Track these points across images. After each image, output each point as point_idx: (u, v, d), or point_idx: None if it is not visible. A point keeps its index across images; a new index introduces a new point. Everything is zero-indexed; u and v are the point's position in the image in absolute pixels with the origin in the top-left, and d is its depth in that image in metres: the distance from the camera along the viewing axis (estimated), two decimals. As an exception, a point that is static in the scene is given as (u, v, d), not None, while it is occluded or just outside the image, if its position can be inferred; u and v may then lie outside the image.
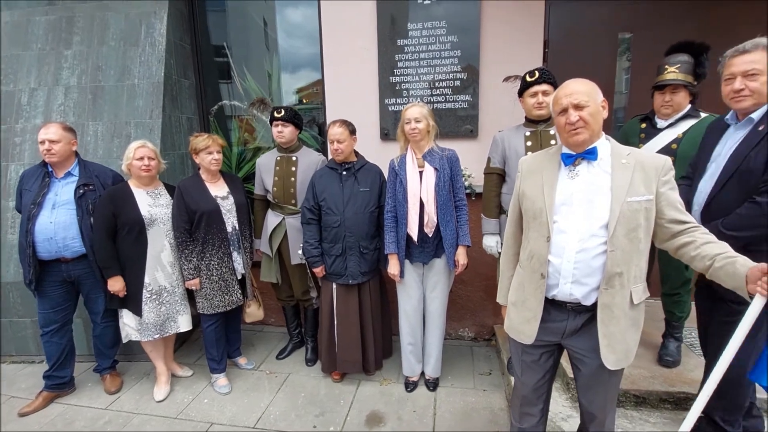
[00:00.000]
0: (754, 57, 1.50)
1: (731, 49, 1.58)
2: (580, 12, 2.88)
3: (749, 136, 1.54)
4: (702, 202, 1.64)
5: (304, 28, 3.26)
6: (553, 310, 1.45)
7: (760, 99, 1.51)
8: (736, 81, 1.53)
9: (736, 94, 1.54)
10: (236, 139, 3.52)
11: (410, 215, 2.23)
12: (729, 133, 1.65)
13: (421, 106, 2.22)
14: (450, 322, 3.08)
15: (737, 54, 1.55)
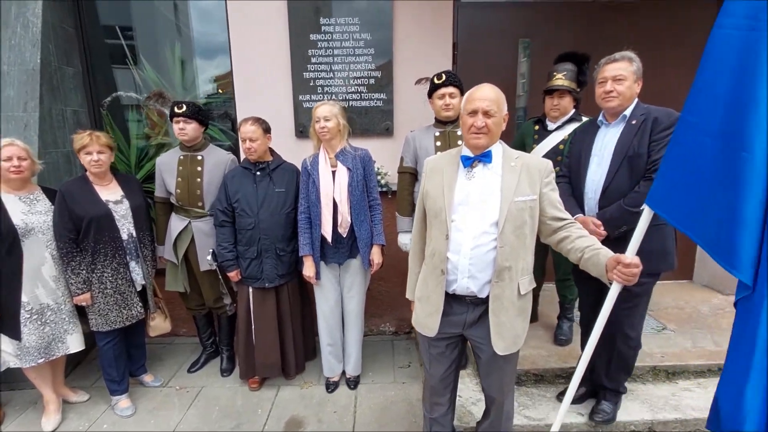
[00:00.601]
0: (621, 65, 1.79)
1: (604, 58, 1.86)
2: (485, 16, 3.05)
3: (626, 129, 1.81)
4: (597, 189, 1.86)
5: (216, 13, 3.01)
6: (455, 303, 1.54)
7: (624, 100, 1.80)
8: (607, 84, 1.81)
9: (606, 95, 1.82)
10: (135, 134, 3.20)
11: (324, 216, 2.21)
12: (603, 131, 1.91)
13: (332, 104, 2.19)
14: (371, 319, 3.13)
15: (609, 62, 1.83)
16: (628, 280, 1.28)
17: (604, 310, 1.42)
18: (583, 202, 1.94)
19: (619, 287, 1.34)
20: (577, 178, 1.96)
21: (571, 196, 1.99)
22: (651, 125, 1.74)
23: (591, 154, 1.92)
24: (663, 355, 2.41)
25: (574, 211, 1.93)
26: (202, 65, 3.19)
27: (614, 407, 2.09)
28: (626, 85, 1.78)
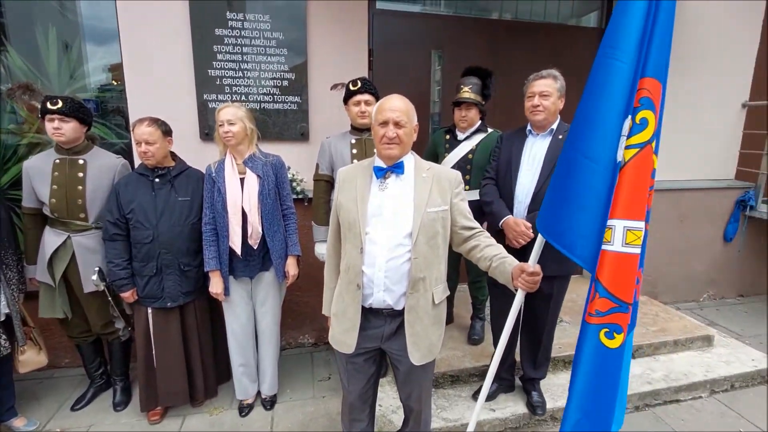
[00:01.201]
0: (547, 81, 1.95)
1: (533, 74, 2.01)
2: (400, 25, 3.09)
3: (554, 141, 1.97)
4: (529, 194, 1.98)
5: None
6: (372, 317, 1.52)
7: (549, 114, 1.97)
8: (534, 98, 1.95)
9: (534, 109, 1.96)
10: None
11: (232, 227, 2.04)
12: (531, 141, 2.05)
13: (237, 106, 2.04)
14: (288, 332, 3.00)
15: (536, 78, 1.98)
16: (531, 288, 1.37)
17: (512, 314, 1.52)
18: (512, 205, 2.06)
19: (523, 293, 1.44)
20: (507, 182, 2.08)
21: (500, 198, 2.10)
22: None
23: (521, 161, 2.04)
24: (560, 346, 2.67)
25: (504, 212, 2.05)
26: (92, 51, 2.75)
27: (542, 394, 2.29)
28: (551, 101, 1.94)
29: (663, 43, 1.20)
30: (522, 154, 2.05)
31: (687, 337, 2.85)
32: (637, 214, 1.20)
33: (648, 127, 1.18)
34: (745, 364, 2.68)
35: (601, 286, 1.23)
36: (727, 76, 3.59)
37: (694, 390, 2.53)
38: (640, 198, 1.21)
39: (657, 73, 1.20)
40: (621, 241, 1.20)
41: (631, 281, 1.22)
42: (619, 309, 1.20)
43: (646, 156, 1.19)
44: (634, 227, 1.20)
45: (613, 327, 1.21)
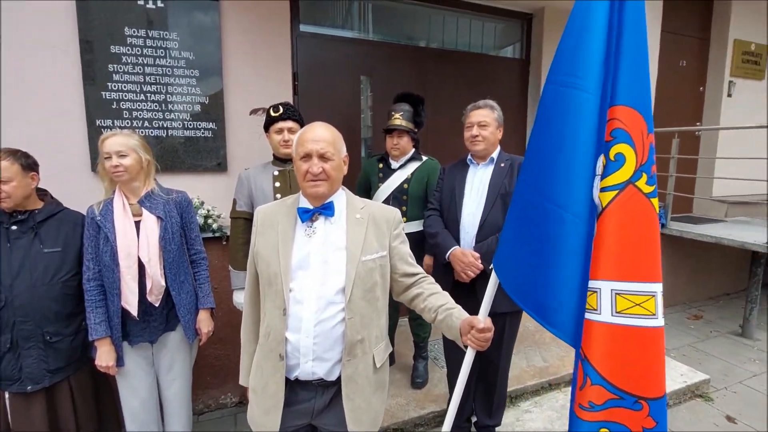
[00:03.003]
0: (484, 112, 1.90)
1: (471, 105, 1.96)
2: (326, 49, 2.94)
3: (497, 170, 1.90)
4: (475, 224, 1.90)
5: None
6: (299, 389, 1.26)
7: (488, 144, 1.92)
8: (473, 128, 1.90)
9: (473, 139, 1.90)
10: None
11: (125, 282, 1.66)
12: (473, 170, 1.98)
13: (127, 134, 1.69)
14: (208, 391, 2.58)
15: (474, 108, 1.93)
16: (482, 346, 1.20)
17: (462, 374, 1.34)
18: (458, 237, 1.96)
19: (474, 351, 1.26)
20: (452, 213, 1.99)
21: (445, 229, 2.00)
22: (517, 169, 1.87)
23: (464, 192, 1.97)
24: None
25: (450, 243, 1.94)
26: None
27: None
28: (490, 131, 1.90)
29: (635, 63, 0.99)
30: (465, 184, 1.98)
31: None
32: (633, 273, 0.93)
33: (626, 164, 0.96)
34: (675, 380, 2.76)
35: (592, 369, 0.94)
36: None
37: (635, 413, 2.53)
38: (637, 253, 0.95)
39: (632, 100, 0.98)
40: (610, 310, 0.94)
41: (640, 365, 0.91)
42: (621, 402, 0.91)
43: (632, 198, 0.95)
44: (630, 291, 0.93)
45: (615, 427, 0.91)
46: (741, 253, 4.22)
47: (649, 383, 0.92)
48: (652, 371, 0.92)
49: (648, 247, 0.96)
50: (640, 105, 0.98)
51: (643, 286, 0.93)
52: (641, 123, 0.97)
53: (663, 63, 3.98)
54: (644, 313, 0.91)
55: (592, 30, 0.97)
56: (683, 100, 4.36)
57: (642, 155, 0.96)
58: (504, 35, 3.76)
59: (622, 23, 0.97)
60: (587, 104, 0.96)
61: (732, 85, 4.38)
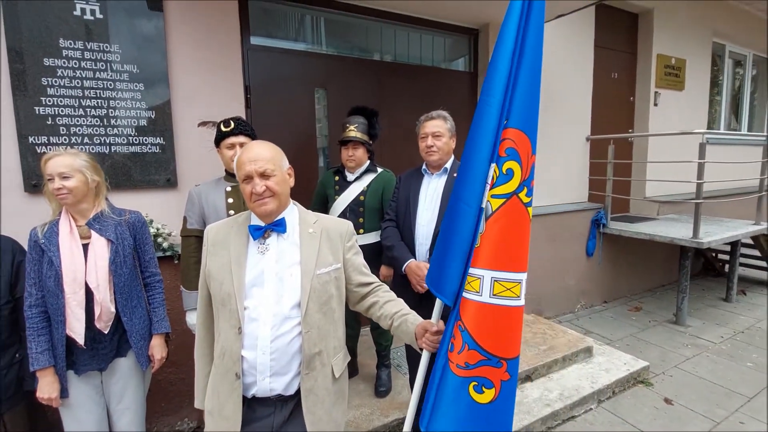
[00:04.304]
0: (437, 122, 1.96)
1: (424, 116, 2.01)
2: (280, 62, 2.93)
3: (450, 179, 1.95)
4: (429, 235, 1.94)
5: None
6: (257, 406, 1.26)
7: (443, 154, 1.97)
8: (428, 139, 1.95)
9: (428, 149, 1.95)
10: None
11: (70, 309, 1.57)
12: (427, 180, 2.03)
13: (73, 154, 1.61)
14: (163, 418, 2.47)
15: (428, 119, 1.99)
16: (436, 348, 1.26)
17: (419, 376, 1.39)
18: (414, 247, 1.99)
19: (428, 354, 1.32)
20: (407, 223, 2.03)
21: (401, 241, 2.04)
22: None
23: (418, 201, 2.01)
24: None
25: (406, 256, 1.98)
26: None
27: None
28: (443, 141, 1.96)
29: (528, 90, 1.20)
30: (419, 194, 2.03)
31: (572, 351, 3.08)
32: (508, 265, 1.16)
33: (514, 178, 1.17)
34: (620, 369, 2.97)
35: (470, 336, 1.16)
36: (574, 115, 4.19)
37: (585, 403, 2.70)
38: (513, 249, 1.18)
39: (523, 124, 1.19)
40: (489, 292, 1.16)
41: (505, 334, 1.17)
42: (488, 362, 1.15)
43: (515, 207, 1.17)
44: (504, 278, 1.16)
45: (482, 381, 1.15)
46: (672, 248, 4.62)
47: (509, 347, 1.17)
48: (512, 338, 1.18)
49: (520, 245, 1.19)
50: (529, 129, 1.20)
51: (514, 276, 1.17)
52: (528, 145, 1.19)
53: (597, 75, 4.31)
54: (512, 296, 1.16)
55: (501, 54, 1.20)
56: (616, 109, 4.74)
57: (525, 172, 1.18)
58: (453, 49, 3.92)
59: (523, 50, 1.19)
60: (490, 117, 1.20)
61: (657, 95, 4.81)
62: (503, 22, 1.22)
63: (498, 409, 1.17)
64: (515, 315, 1.18)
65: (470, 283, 1.21)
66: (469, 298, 1.20)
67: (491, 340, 1.15)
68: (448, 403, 1.18)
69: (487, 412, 1.16)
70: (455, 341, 1.21)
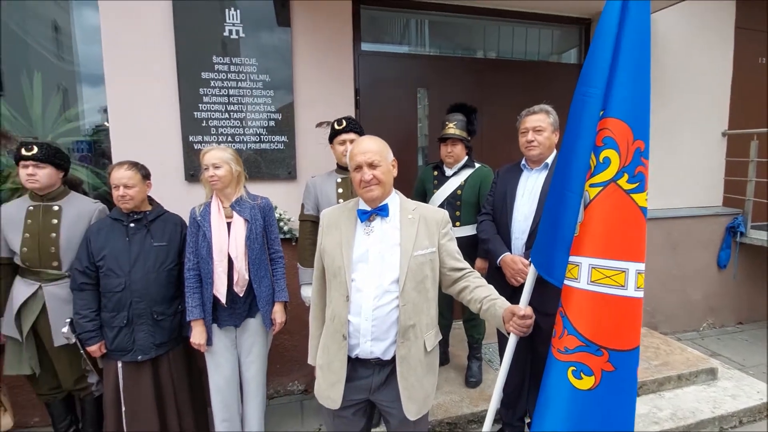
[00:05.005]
0: (539, 117, 1.94)
1: (525, 110, 2.00)
2: (385, 65, 3.15)
3: (549, 177, 1.93)
4: (525, 230, 1.94)
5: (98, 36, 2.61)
6: (359, 367, 1.44)
7: (544, 149, 1.94)
8: (528, 134, 1.94)
9: (528, 144, 1.94)
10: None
11: (217, 274, 1.95)
12: (526, 175, 2.03)
13: (222, 149, 2.00)
14: (277, 378, 2.85)
15: (529, 114, 1.97)
16: (523, 332, 1.30)
17: (506, 358, 1.44)
18: (509, 242, 2.01)
19: (516, 338, 1.36)
20: (503, 218, 2.04)
21: (497, 234, 2.06)
22: None
23: (516, 196, 2.01)
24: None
25: (501, 249, 1.99)
26: (87, 93, 2.81)
27: None
28: (545, 135, 1.93)
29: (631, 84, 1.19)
30: (517, 189, 2.03)
31: (691, 371, 2.75)
32: (607, 252, 1.17)
33: (611, 166, 1.18)
34: (751, 398, 2.57)
35: (569, 322, 1.20)
36: (706, 108, 3.68)
37: (703, 428, 2.41)
38: (613, 237, 1.18)
39: (622, 113, 1.19)
40: (587, 279, 1.18)
41: (606, 323, 1.16)
42: (586, 349, 1.16)
43: (613, 194, 1.18)
44: (603, 266, 1.17)
45: (580, 366, 1.16)
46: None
47: (612, 336, 1.15)
48: (617, 328, 1.15)
49: (623, 232, 1.17)
50: (630, 117, 1.18)
51: (616, 263, 1.16)
52: (627, 133, 1.19)
53: (738, 61, 3.72)
54: (613, 284, 1.15)
55: (599, 45, 1.20)
56: (762, 100, 4.02)
57: (625, 159, 1.17)
58: (562, 41, 3.75)
59: (622, 39, 1.18)
60: (590, 109, 1.21)
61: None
62: (603, 11, 1.23)
63: (602, 399, 1.16)
64: (621, 305, 1.16)
65: (570, 271, 1.24)
66: (568, 284, 1.24)
67: (589, 326, 1.16)
68: (551, 387, 1.22)
69: (588, 399, 1.16)
70: (557, 327, 1.25)
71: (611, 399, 1.16)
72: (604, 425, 1.17)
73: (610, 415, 1.17)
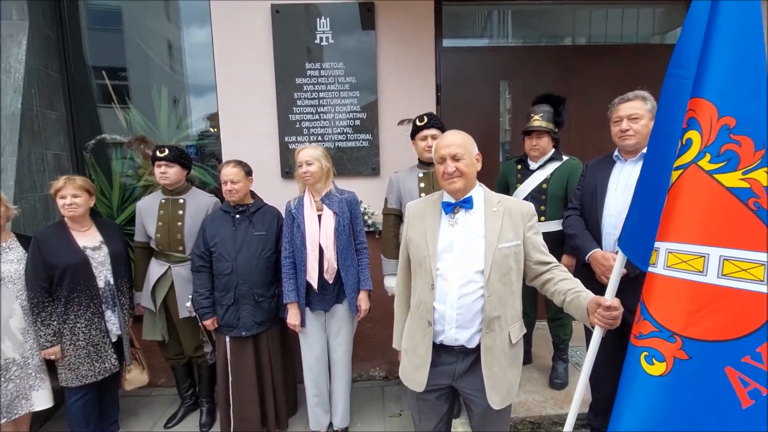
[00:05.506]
0: (635, 104, 1.80)
1: (618, 98, 1.87)
2: (467, 59, 3.15)
3: None
4: (618, 225, 1.82)
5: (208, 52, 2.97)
6: (443, 353, 1.48)
7: (641, 138, 1.80)
8: (622, 122, 1.81)
9: (622, 134, 1.82)
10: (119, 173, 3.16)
11: (309, 262, 2.15)
12: (620, 167, 1.90)
13: (314, 147, 2.19)
14: (360, 363, 3.01)
15: (623, 101, 1.84)
16: (609, 324, 1.24)
17: (590, 354, 1.38)
18: (600, 238, 1.91)
19: (602, 331, 1.30)
20: (593, 212, 1.94)
21: (585, 230, 1.97)
22: None
23: (608, 189, 1.90)
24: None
25: (591, 245, 1.90)
26: (195, 105, 3.23)
27: None
28: (642, 124, 1.78)
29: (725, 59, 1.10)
30: (609, 183, 1.90)
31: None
32: (684, 236, 1.13)
33: (692, 147, 1.13)
34: None
35: (645, 307, 1.17)
36: None
37: None
38: (690, 220, 1.13)
39: (708, 92, 1.12)
40: (663, 264, 1.14)
41: (680, 308, 1.11)
42: (659, 334, 1.13)
43: (693, 175, 1.13)
44: (679, 250, 1.13)
45: (652, 352, 1.12)
46: None
47: (687, 324, 1.10)
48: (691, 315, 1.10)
49: (702, 215, 1.11)
50: (715, 94, 1.12)
51: (691, 248, 1.11)
52: (711, 110, 1.12)
53: None
54: (690, 269, 1.11)
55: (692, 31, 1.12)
56: None
57: (708, 138, 1.10)
58: (664, 20, 3.40)
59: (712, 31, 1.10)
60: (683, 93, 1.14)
61: None
62: None
63: (674, 388, 1.10)
64: (699, 291, 1.10)
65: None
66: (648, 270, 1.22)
67: (662, 311, 1.13)
68: (626, 372, 1.20)
69: (660, 386, 1.12)
70: (636, 312, 1.22)
71: (685, 390, 1.09)
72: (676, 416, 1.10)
73: (684, 407, 1.09)
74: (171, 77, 3.23)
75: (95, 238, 2.23)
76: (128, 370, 2.39)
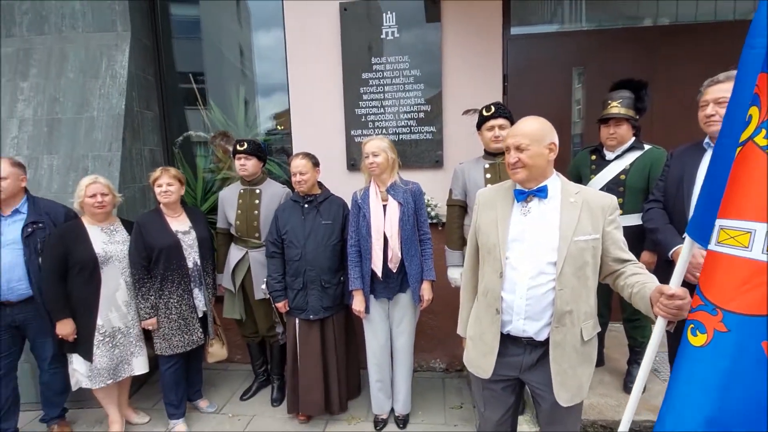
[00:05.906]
0: (726, 86, 1.62)
1: (708, 80, 1.71)
2: (536, 46, 3.03)
3: None
4: None
5: (278, 52, 3.17)
6: (510, 344, 1.46)
7: None
8: (708, 107, 1.67)
9: (708, 119, 1.67)
10: (202, 168, 3.46)
11: (374, 250, 2.21)
12: (709, 155, 1.71)
13: (381, 139, 2.24)
14: (421, 354, 3.04)
15: (712, 84, 1.69)
16: (673, 314, 1.14)
17: (650, 347, 1.27)
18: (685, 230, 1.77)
19: (664, 322, 1.18)
20: (678, 205, 1.80)
21: (668, 224, 1.84)
22: None
23: (695, 180, 1.75)
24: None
25: (675, 240, 1.77)
26: (263, 104, 3.44)
27: None
28: None
29: None
30: (697, 173, 1.74)
31: None
32: (734, 212, 1.10)
33: (750, 124, 1.08)
34: None
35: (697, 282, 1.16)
36: None
37: None
38: (741, 196, 1.10)
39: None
40: (714, 240, 1.13)
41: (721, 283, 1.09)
42: (704, 308, 1.11)
43: (749, 153, 1.09)
44: (728, 226, 1.11)
45: (697, 324, 1.11)
46: None
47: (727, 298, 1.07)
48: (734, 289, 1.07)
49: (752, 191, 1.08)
50: None
51: (739, 223, 1.09)
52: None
53: None
54: (736, 244, 1.10)
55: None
56: None
57: (765, 113, 1.03)
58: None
59: None
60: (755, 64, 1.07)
61: None
62: None
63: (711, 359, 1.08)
64: (742, 266, 1.07)
65: None
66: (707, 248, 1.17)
67: (709, 286, 1.12)
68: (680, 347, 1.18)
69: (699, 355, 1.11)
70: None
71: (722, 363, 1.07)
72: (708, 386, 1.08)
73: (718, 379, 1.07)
74: (244, 78, 3.47)
75: (185, 223, 2.48)
76: (211, 344, 2.63)
